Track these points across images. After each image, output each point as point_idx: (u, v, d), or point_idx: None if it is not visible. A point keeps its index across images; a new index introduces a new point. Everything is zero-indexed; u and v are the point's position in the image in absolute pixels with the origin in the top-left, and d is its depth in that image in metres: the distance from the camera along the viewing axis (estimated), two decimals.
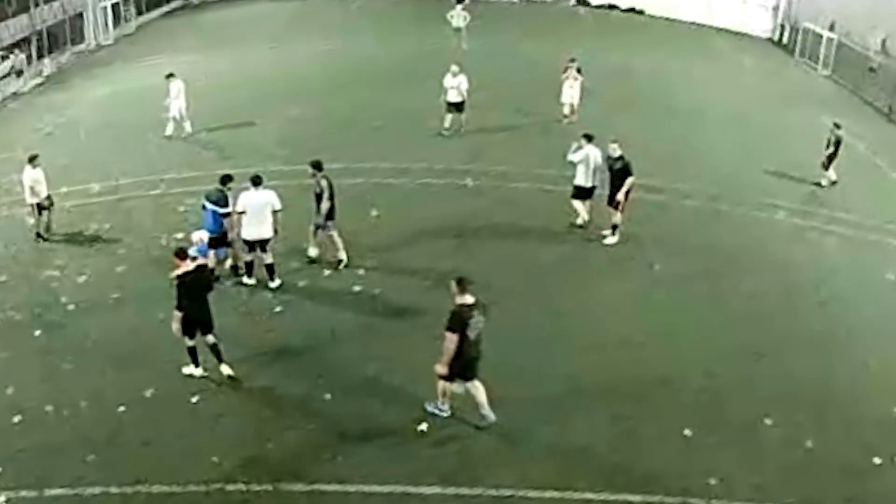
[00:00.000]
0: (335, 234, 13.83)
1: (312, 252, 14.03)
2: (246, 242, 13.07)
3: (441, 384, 9.99)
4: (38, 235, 14.95)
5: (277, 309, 12.74)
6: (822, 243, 16.17)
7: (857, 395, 11.24)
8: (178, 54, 30.36)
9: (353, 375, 11.08)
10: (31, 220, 15.12)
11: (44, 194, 14.99)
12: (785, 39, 37.22)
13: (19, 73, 26.81)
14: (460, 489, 9.15)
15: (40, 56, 28.63)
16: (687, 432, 10.21)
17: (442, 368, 9.67)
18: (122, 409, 10.27)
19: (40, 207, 14.97)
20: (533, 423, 10.30)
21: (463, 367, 9.74)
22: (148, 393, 10.58)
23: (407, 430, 10.03)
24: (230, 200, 13.09)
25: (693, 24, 39.81)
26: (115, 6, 34.19)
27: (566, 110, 21.72)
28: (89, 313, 12.53)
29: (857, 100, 28.50)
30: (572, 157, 15.34)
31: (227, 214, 12.99)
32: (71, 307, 12.70)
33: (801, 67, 33.35)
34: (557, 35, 34.18)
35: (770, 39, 38.48)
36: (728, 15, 39.65)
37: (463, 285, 9.71)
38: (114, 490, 8.95)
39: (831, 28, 31.59)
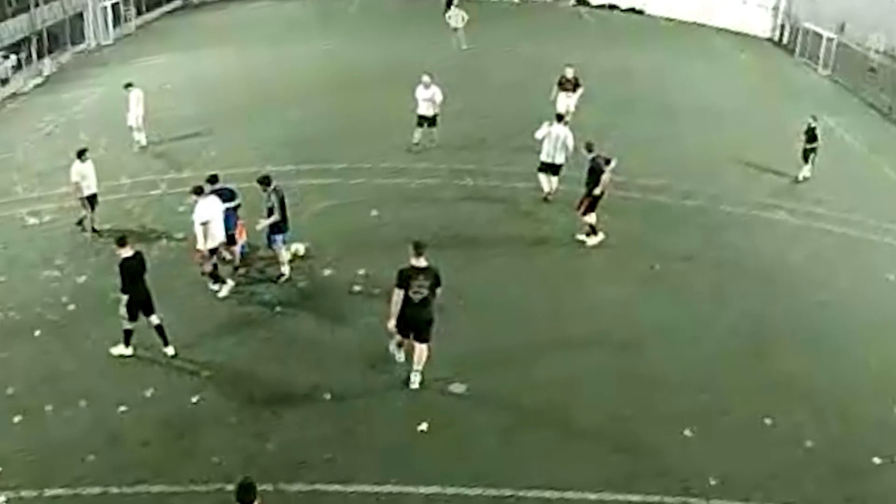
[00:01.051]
0: (282, 249, 13.52)
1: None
2: (212, 252, 12.79)
3: (393, 338, 10.81)
4: (94, 231, 14.95)
5: (277, 309, 12.74)
6: (823, 243, 16.17)
7: (857, 395, 11.24)
8: (177, 54, 30.42)
9: (352, 375, 11.07)
10: (83, 214, 15.09)
11: (93, 189, 14.95)
12: (785, 39, 37.25)
13: (4, 82, 26.53)
14: (460, 489, 9.15)
15: (40, 56, 28.61)
16: (687, 432, 10.21)
17: (390, 321, 10.41)
18: (122, 409, 10.27)
19: (92, 202, 14.95)
20: (532, 422, 10.32)
21: (405, 323, 10.47)
22: (148, 393, 10.58)
23: (407, 429, 10.03)
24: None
25: (693, 23, 39.83)
26: (115, 6, 34.19)
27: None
28: (89, 313, 12.52)
29: (857, 100, 28.50)
30: (537, 134, 16.56)
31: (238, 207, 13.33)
32: (71, 307, 12.70)
33: (801, 67, 33.36)
34: (558, 35, 34.24)
35: (770, 39, 38.50)
36: (728, 15, 39.69)
37: (418, 249, 10.45)
38: (114, 490, 8.95)
39: (842, 30, 31.36)
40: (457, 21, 30.94)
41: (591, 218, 14.93)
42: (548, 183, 16.64)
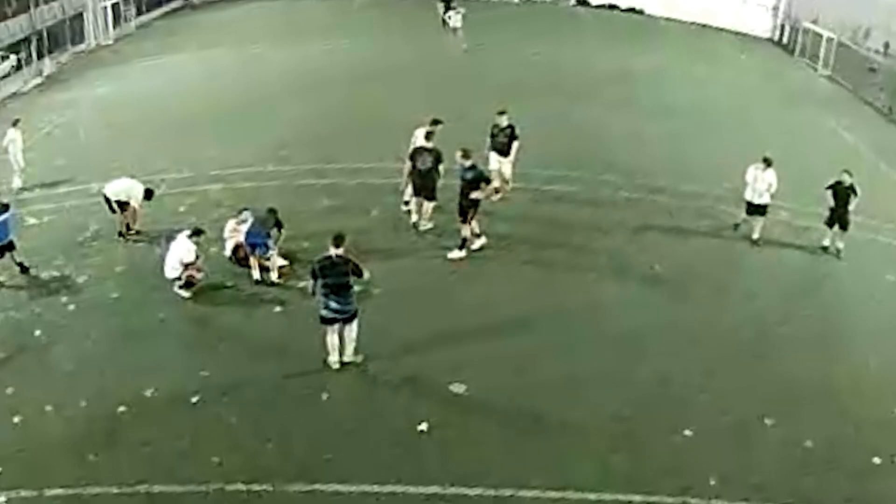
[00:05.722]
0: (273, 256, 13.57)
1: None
2: None
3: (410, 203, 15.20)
4: (120, 234, 14.92)
5: (277, 309, 12.73)
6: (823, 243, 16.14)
7: (857, 395, 11.23)
8: (177, 54, 30.42)
9: (352, 375, 11.08)
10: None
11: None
12: (785, 39, 37.26)
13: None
14: (460, 489, 9.14)
15: (40, 56, 28.59)
16: (687, 432, 10.20)
17: (405, 185, 15.25)
18: (122, 409, 10.26)
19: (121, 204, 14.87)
20: (532, 422, 10.31)
21: (416, 188, 14.97)
22: (148, 393, 10.57)
23: (407, 430, 10.03)
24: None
25: (693, 24, 39.83)
26: (115, 6, 34.19)
27: (496, 183, 15.95)
28: (89, 313, 12.52)
29: (857, 100, 28.48)
30: (747, 177, 15.65)
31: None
32: (71, 307, 12.69)
33: (801, 67, 33.35)
34: (558, 35, 34.26)
35: (770, 39, 38.50)
36: (728, 15, 39.68)
37: (428, 136, 14.91)
38: (114, 490, 8.94)
39: (866, 35, 31.16)
40: (456, 21, 31.08)
41: (466, 231, 14.43)
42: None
